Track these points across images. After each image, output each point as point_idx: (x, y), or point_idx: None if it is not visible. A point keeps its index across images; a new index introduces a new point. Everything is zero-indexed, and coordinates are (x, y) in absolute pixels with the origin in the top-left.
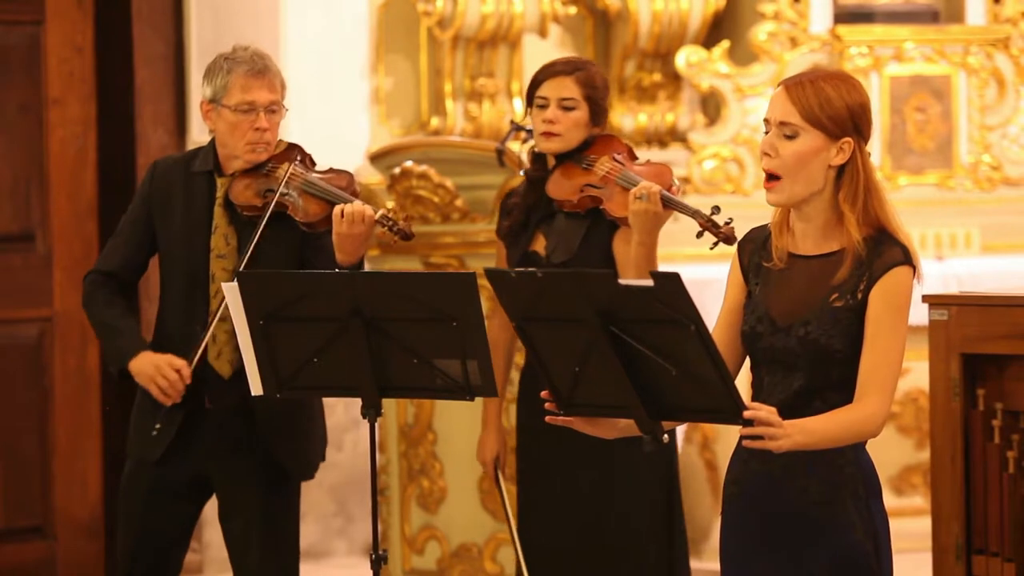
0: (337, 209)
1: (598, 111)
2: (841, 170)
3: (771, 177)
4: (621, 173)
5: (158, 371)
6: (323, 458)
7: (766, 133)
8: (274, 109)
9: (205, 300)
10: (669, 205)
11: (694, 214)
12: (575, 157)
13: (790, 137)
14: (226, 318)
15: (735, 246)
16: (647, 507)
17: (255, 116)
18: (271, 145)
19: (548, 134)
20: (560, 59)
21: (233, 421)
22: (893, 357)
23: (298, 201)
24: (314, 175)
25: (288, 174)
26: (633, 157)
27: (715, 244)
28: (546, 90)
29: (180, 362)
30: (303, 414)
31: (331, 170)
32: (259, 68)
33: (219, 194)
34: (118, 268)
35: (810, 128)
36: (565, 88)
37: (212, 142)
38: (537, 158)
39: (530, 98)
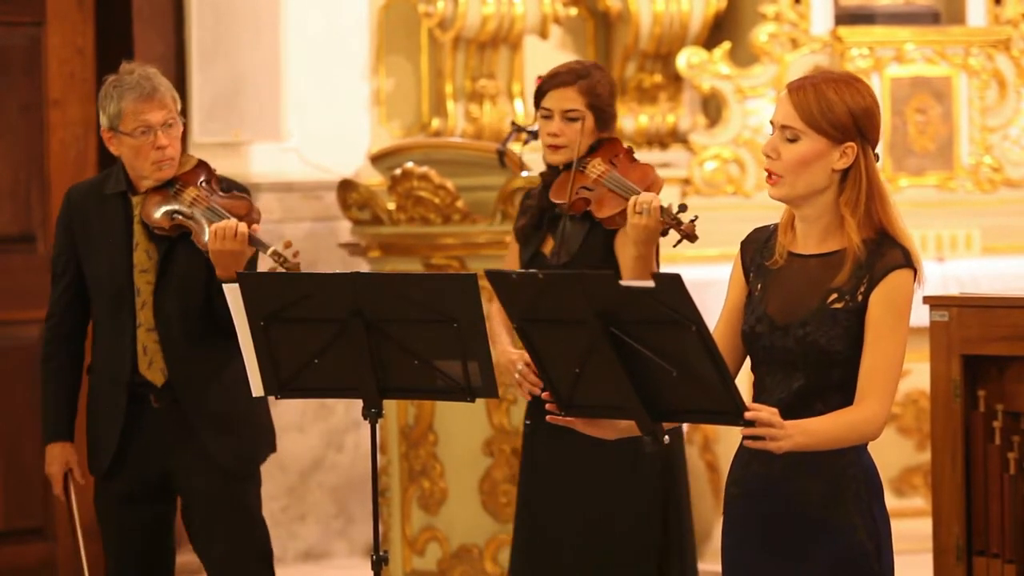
0: (212, 227)
1: (604, 117)
2: (846, 173)
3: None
4: (609, 175)
5: (50, 472)
6: (266, 453)
7: (772, 135)
8: (170, 124)
9: (132, 314)
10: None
11: (661, 212)
12: (576, 161)
13: (792, 140)
14: (152, 329)
15: (738, 246)
16: (645, 523)
17: (153, 136)
18: (175, 160)
19: (554, 147)
20: (563, 67)
21: (176, 422)
22: (894, 359)
23: (202, 225)
24: (217, 200)
25: (192, 199)
26: (631, 159)
27: (678, 242)
28: (550, 101)
29: (58, 486)
30: (236, 412)
31: (233, 195)
32: (148, 91)
33: (136, 212)
34: (61, 306)
35: (811, 132)
36: (568, 99)
37: (120, 163)
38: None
39: (536, 105)
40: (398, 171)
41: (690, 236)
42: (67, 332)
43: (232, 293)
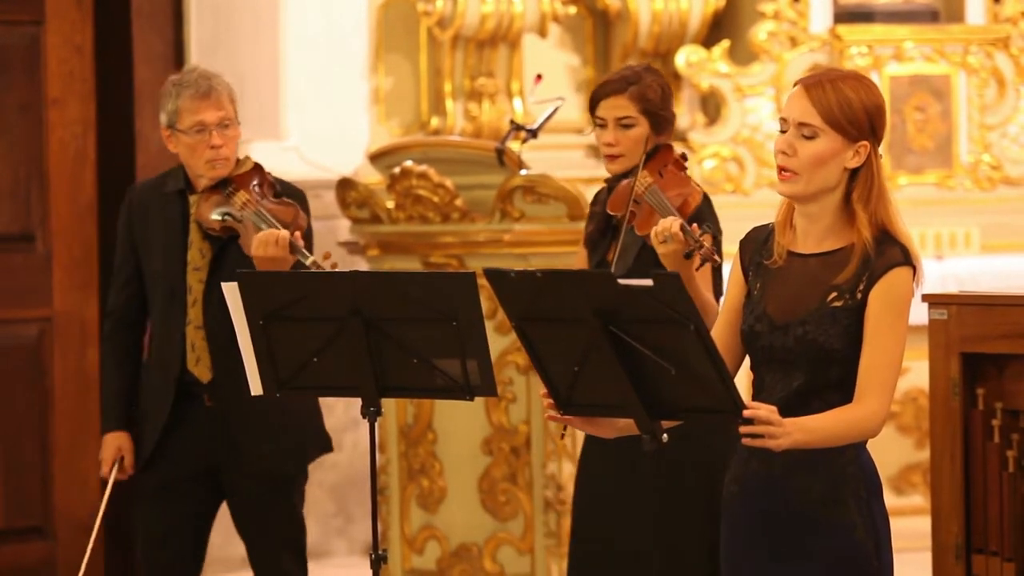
0: (256, 235)
1: (659, 121)
2: (854, 172)
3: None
4: (650, 190)
5: (103, 457)
6: (314, 454)
7: (782, 132)
8: (226, 124)
9: (183, 312)
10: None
11: (685, 234)
12: (631, 170)
13: (809, 138)
14: (200, 327)
15: (737, 244)
16: (696, 543)
17: (208, 135)
18: (230, 160)
19: (611, 156)
20: (615, 74)
21: (221, 419)
22: (893, 357)
23: (249, 230)
24: (265, 205)
25: (243, 203)
26: (679, 169)
27: (700, 265)
28: (603, 110)
29: (107, 468)
30: (279, 412)
31: (283, 201)
32: (204, 90)
33: (192, 211)
34: (121, 300)
35: (829, 130)
36: (620, 107)
37: (181, 164)
38: None
39: (592, 112)
40: (397, 170)
41: (710, 259)
42: (126, 327)
43: (231, 292)
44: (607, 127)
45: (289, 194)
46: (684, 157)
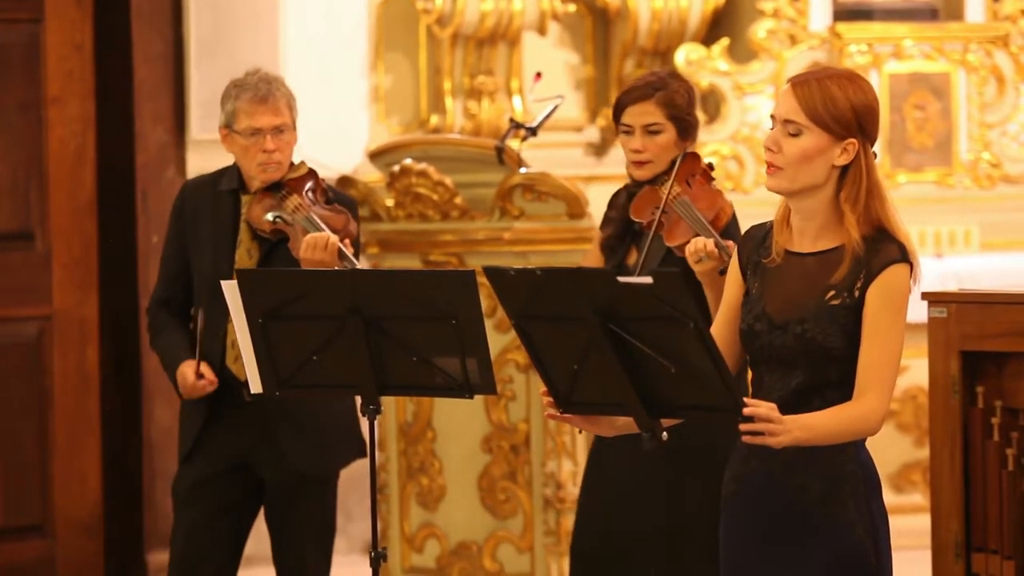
0: (305, 237)
1: (685, 127)
2: (845, 169)
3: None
4: (679, 200)
5: (182, 381)
6: (350, 458)
7: (773, 129)
8: (282, 129)
9: (226, 309)
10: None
11: (720, 251)
12: (656, 177)
13: (794, 135)
14: None
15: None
16: (705, 524)
17: (262, 139)
18: (282, 164)
19: (638, 163)
20: (640, 80)
21: (260, 417)
22: (892, 354)
23: (299, 233)
24: (317, 210)
25: (295, 207)
26: (707, 179)
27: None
28: (629, 117)
29: (187, 370)
30: (316, 414)
31: (335, 207)
32: (263, 94)
33: (243, 211)
34: (167, 294)
35: (814, 127)
36: (648, 114)
37: (236, 163)
38: None
39: (616, 120)
40: (396, 168)
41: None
42: (173, 313)
43: (231, 290)
44: (633, 134)
45: (341, 201)
46: (711, 167)
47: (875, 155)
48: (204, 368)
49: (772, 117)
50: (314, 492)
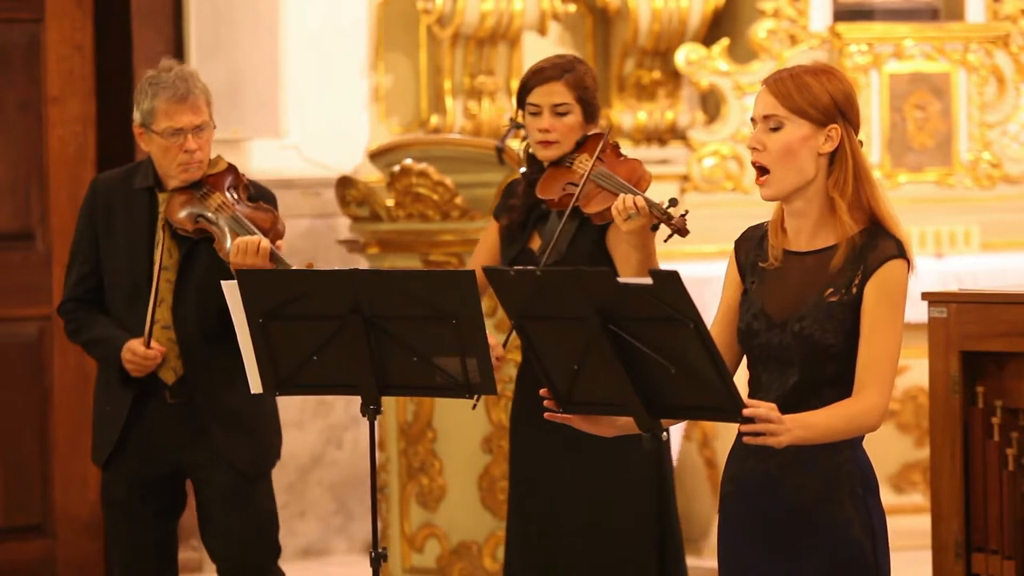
0: (235, 241)
1: (591, 110)
2: (832, 158)
3: (761, 172)
4: (597, 171)
5: (132, 355)
6: (276, 456)
7: (754, 131)
8: (202, 128)
9: (144, 311)
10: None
11: (650, 207)
12: (563, 157)
13: (775, 129)
14: (169, 327)
15: (733, 244)
16: (634, 516)
17: (183, 139)
18: (203, 163)
19: (545, 143)
20: (547, 62)
21: (188, 418)
22: (890, 350)
23: (225, 235)
24: (242, 209)
25: (218, 206)
26: (617, 154)
27: (668, 237)
28: (537, 96)
29: (136, 344)
30: (250, 411)
31: (259, 205)
32: (182, 93)
33: (161, 209)
34: (81, 293)
35: (794, 117)
36: (556, 94)
37: (150, 159)
38: (533, 159)
39: (520, 101)
40: (397, 168)
41: (681, 231)
42: (89, 311)
43: (231, 290)
44: (541, 114)
45: (263, 196)
46: (618, 145)
47: (860, 142)
48: (152, 343)
49: (752, 120)
50: (259, 488)
